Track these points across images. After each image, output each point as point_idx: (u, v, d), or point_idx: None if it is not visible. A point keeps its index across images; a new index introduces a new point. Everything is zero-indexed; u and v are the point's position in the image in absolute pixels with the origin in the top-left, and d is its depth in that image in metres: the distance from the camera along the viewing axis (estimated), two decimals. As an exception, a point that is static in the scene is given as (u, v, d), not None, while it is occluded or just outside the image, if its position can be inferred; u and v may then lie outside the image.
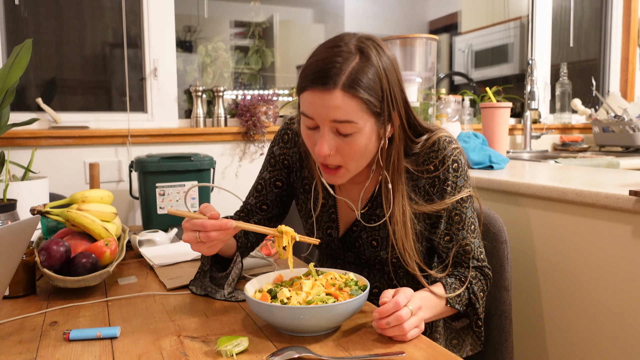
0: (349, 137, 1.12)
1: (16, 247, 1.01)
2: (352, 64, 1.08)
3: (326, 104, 1.08)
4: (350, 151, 1.14)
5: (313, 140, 1.16)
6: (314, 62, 1.11)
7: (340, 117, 1.09)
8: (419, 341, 0.99)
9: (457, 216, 1.26)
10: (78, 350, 0.96)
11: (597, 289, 1.53)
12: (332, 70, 1.07)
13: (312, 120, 1.12)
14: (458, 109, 2.99)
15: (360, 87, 1.08)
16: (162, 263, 1.52)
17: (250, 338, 0.99)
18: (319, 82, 1.08)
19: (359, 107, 1.09)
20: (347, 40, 1.12)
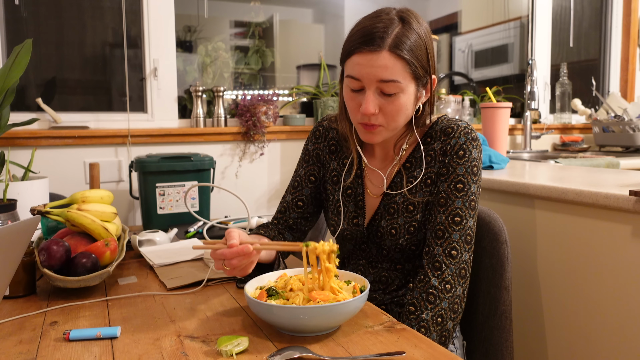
0: (392, 97, 1.20)
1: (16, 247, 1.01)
2: (396, 28, 1.17)
3: (374, 63, 1.16)
4: (392, 110, 1.21)
5: (357, 102, 1.23)
6: (360, 29, 1.19)
7: (386, 77, 1.17)
8: (419, 341, 0.99)
9: (458, 217, 1.27)
10: (78, 350, 0.96)
11: (597, 289, 1.53)
12: (379, 33, 1.16)
13: (358, 82, 1.20)
14: (458, 109, 2.99)
15: (404, 49, 1.17)
16: (162, 263, 1.52)
17: (250, 338, 0.98)
18: (367, 43, 1.16)
19: (403, 68, 1.18)
20: (388, 10, 1.21)
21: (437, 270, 1.25)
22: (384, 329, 1.05)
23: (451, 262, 1.25)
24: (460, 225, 1.26)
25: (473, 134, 1.29)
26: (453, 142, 1.28)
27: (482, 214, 1.53)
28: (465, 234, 1.26)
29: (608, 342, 1.51)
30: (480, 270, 1.52)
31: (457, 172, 1.27)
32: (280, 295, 1.05)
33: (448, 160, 1.29)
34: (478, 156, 1.29)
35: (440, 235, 1.27)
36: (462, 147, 1.28)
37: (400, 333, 1.03)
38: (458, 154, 1.28)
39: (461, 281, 1.26)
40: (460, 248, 1.26)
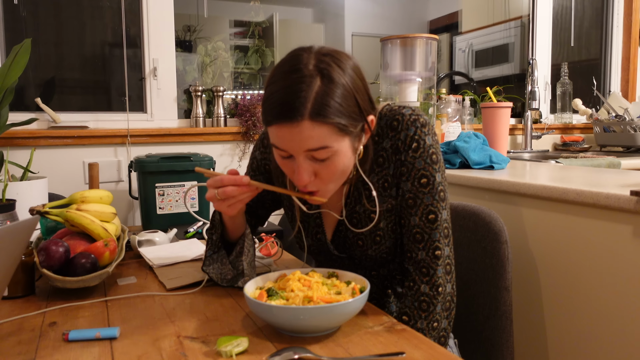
0: (326, 161, 1.09)
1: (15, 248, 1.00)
2: (315, 88, 1.03)
3: (296, 137, 1.04)
4: (329, 174, 1.11)
5: (290, 168, 1.13)
6: (274, 93, 1.05)
7: (313, 146, 1.05)
8: (420, 342, 0.99)
9: (432, 214, 1.21)
10: (77, 351, 0.95)
11: (597, 290, 1.53)
12: (296, 102, 1.02)
13: (285, 152, 1.09)
14: (458, 108, 2.99)
15: (328, 112, 1.03)
16: (162, 263, 1.51)
17: (250, 338, 0.98)
18: (285, 116, 1.03)
19: (330, 131, 1.05)
20: (305, 61, 1.06)
21: (425, 276, 1.21)
22: (384, 329, 1.04)
23: (437, 264, 1.21)
24: (437, 223, 1.21)
25: (421, 119, 1.20)
26: (403, 136, 1.20)
27: (482, 214, 1.53)
28: (442, 229, 1.22)
29: (609, 343, 1.51)
30: (480, 271, 1.51)
31: (416, 167, 1.20)
32: (280, 296, 1.04)
33: (404, 157, 1.20)
34: (433, 141, 1.20)
35: (419, 238, 1.22)
36: (414, 139, 1.19)
37: (400, 334, 1.02)
38: (412, 147, 1.19)
39: (448, 277, 1.22)
40: (442, 246, 1.22)
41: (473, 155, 2.10)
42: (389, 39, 2.57)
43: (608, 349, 1.51)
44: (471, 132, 2.23)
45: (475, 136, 2.21)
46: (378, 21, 3.08)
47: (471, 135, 2.20)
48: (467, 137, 2.20)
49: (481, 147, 2.15)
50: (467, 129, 3.04)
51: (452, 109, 2.93)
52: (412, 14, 3.36)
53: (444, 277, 1.21)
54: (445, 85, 3.45)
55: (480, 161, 2.10)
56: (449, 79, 3.52)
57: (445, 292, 1.22)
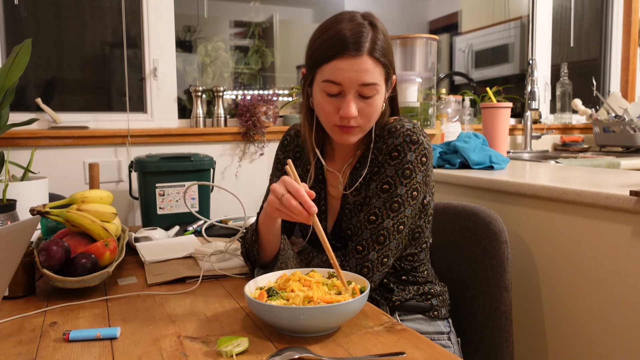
0: (370, 99, 1.23)
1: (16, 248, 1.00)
2: (370, 32, 1.21)
3: (357, 68, 1.19)
4: (370, 111, 1.24)
5: (334, 105, 1.23)
6: (336, 34, 1.20)
7: (368, 80, 1.20)
8: (420, 342, 0.99)
9: (373, 216, 1.26)
10: (78, 351, 0.95)
11: (597, 290, 1.53)
12: (358, 39, 1.18)
13: (338, 87, 1.21)
14: (458, 109, 2.99)
15: (380, 53, 1.21)
16: (153, 259, 1.52)
17: (250, 338, 0.98)
18: (348, 48, 1.18)
19: (380, 70, 1.22)
20: (353, 14, 1.24)
21: (344, 258, 1.26)
22: (384, 329, 1.05)
23: (354, 256, 1.25)
24: (373, 225, 1.25)
25: (414, 137, 1.26)
26: (390, 142, 1.27)
27: (482, 214, 1.53)
28: (377, 234, 1.25)
29: (608, 343, 1.51)
30: (480, 271, 1.52)
31: (386, 173, 1.26)
32: (280, 296, 1.04)
33: (381, 159, 1.28)
34: (415, 160, 1.26)
35: (355, 232, 1.28)
36: (397, 148, 1.26)
37: (401, 334, 1.02)
38: (392, 155, 1.26)
39: (374, 274, 1.26)
40: (367, 246, 1.25)
41: (473, 155, 2.10)
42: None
43: (608, 349, 1.51)
44: (471, 132, 2.23)
45: (475, 136, 2.21)
46: (378, 21, 3.07)
47: (471, 136, 2.20)
48: (467, 137, 2.20)
49: (481, 147, 2.15)
50: (467, 129, 3.04)
51: (452, 109, 2.93)
52: (412, 14, 3.36)
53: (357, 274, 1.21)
54: (445, 86, 3.44)
55: (480, 161, 2.10)
56: (449, 79, 3.52)
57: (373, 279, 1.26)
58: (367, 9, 1.29)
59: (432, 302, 1.38)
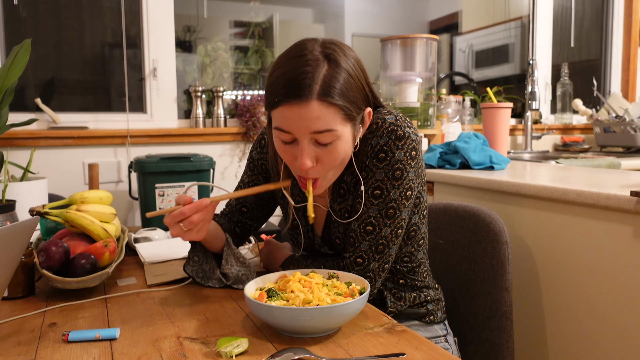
0: (329, 146, 1.11)
1: (15, 248, 1.00)
2: (322, 71, 1.06)
3: (304, 116, 1.06)
4: (330, 159, 1.12)
5: (291, 154, 1.13)
6: (282, 75, 1.08)
7: (320, 127, 1.07)
8: (420, 343, 0.98)
9: (370, 226, 1.22)
10: (77, 352, 0.95)
11: (598, 290, 1.53)
12: (305, 81, 1.05)
13: (289, 135, 1.10)
14: (459, 109, 2.99)
15: (335, 94, 1.06)
16: (153, 260, 1.51)
17: (250, 339, 0.98)
18: (293, 95, 1.05)
19: (335, 114, 1.08)
20: (311, 47, 1.10)
21: (342, 270, 1.23)
22: (384, 330, 1.04)
23: (354, 269, 1.22)
24: (371, 235, 1.21)
25: (399, 131, 1.17)
26: (374, 142, 1.18)
27: (483, 214, 1.53)
28: (376, 244, 1.21)
29: (609, 343, 1.50)
30: (480, 271, 1.51)
31: (375, 177, 1.19)
32: (280, 297, 1.04)
33: (368, 162, 1.20)
34: (405, 157, 1.18)
35: (352, 242, 1.23)
36: (383, 149, 1.17)
37: (401, 335, 1.02)
38: (379, 157, 1.18)
39: (376, 281, 1.24)
40: (367, 257, 1.22)
41: (473, 155, 2.10)
42: (389, 40, 2.57)
43: (608, 350, 1.51)
44: (471, 133, 2.23)
45: (476, 137, 2.20)
46: (378, 21, 3.08)
47: (471, 136, 2.20)
48: (467, 137, 2.20)
49: (481, 148, 2.15)
50: (467, 129, 3.04)
51: (453, 110, 2.93)
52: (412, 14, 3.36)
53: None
54: (446, 86, 3.44)
55: (480, 162, 2.10)
56: (449, 79, 3.52)
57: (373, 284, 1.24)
58: (367, 9, 1.24)
59: (428, 308, 1.35)
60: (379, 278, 1.24)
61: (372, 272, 1.23)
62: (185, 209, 1.09)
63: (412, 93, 2.55)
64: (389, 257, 1.24)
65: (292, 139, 1.11)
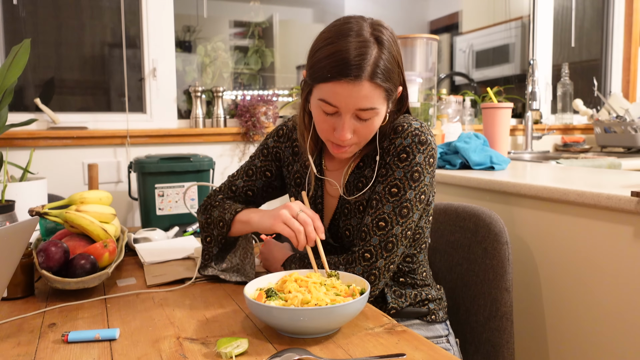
0: (367, 121, 1.18)
1: (14, 249, 1.00)
2: (374, 53, 1.13)
3: (354, 94, 1.13)
4: (366, 132, 1.20)
5: (330, 124, 1.19)
6: (335, 52, 1.12)
7: (366, 105, 1.14)
8: (420, 343, 0.98)
9: (382, 222, 1.23)
10: (77, 352, 0.95)
11: (598, 291, 1.52)
12: (359, 62, 1.11)
13: (334, 108, 1.16)
14: (459, 109, 2.98)
15: (383, 77, 1.14)
16: (153, 260, 1.51)
17: (250, 340, 0.98)
18: (347, 73, 1.11)
19: (381, 95, 1.15)
20: (361, 27, 1.15)
21: (349, 265, 1.24)
22: (384, 331, 1.04)
23: (361, 263, 1.23)
24: (382, 231, 1.22)
25: (423, 137, 1.23)
26: (398, 143, 1.24)
27: (483, 215, 1.53)
28: (386, 241, 1.22)
29: (610, 344, 1.50)
30: (481, 272, 1.51)
31: (394, 176, 1.23)
32: (279, 297, 1.04)
33: (389, 160, 1.24)
34: (424, 161, 1.23)
35: (362, 237, 1.24)
36: (406, 150, 1.23)
37: (401, 335, 1.02)
38: (400, 157, 1.23)
39: (381, 279, 1.25)
40: (376, 253, 1.22)
41: (473, 156, 2.10)
42: (389, 40, 2.56)
43: (609, 351, 1.50)
44: (472, 133, 2.22)
45: (476, 137, 2.20)
46: (378, 21, 3.07)
47: (472, 136, 2.20)
48: (467, 137, 2.19)
49: (482, 148, 2.14)
50: (468, 129, 3.03)
51: (453, 110, 2.93)
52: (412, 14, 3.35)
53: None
54: (446, 86, 3.44)
55: (480, 162, 2.09)
56: (450, 79, 3.51)
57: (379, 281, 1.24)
58: (367, 10, 1.25)
59: (429, 307, 1.36)
60: (382, 278, 1.24)
61: (377, 269, 1.23)
62: (316, 219, 1.18)
63: (413, 93, 2.55)
64: (396, 258, 1.25)
65: (334, 111, 1.17)
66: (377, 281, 1.24)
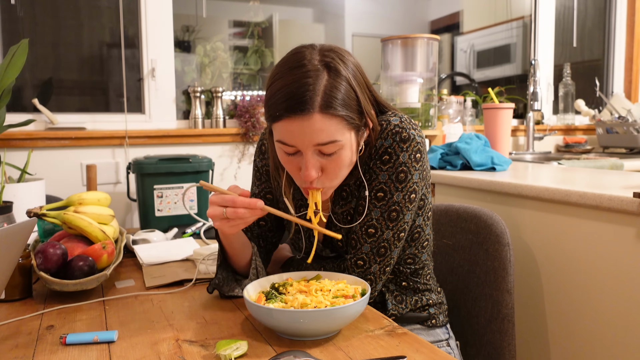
0: (333, 156, 1.10)
1: (12, 250, 1.00)
2: (323, 82, 1.05)
3: (307, 129, 1.05)
4: (335, 169, 1.12)
5: (295, 165, 1.13)
6: (282, 88, 1.06)
7: (323, 140, 1.06)
8: (421, 345, 0.98)
9: (372, 229, 1.20)
10: (75, 355, 0.95)
11: (600, 292, 1.52)
12: (306, 94, 1.03)
13: (293, 147, 1.09)
14: (460, 109, 2.98)
15: (337, 105, 1.05)
16: (151, 262, 1.51)
17: (249, 342, 0.97)
18: (295, 109, 1.03)
19: (339, 124, 1.07)
20: (309, 57, 1.08)
21: (342, 272, 1.21)
22: (384, 333, 1.04)
23: (355, 271, 1.21)
24: (373, 238, 1.20)
25: (404, 133, 1.16)
26: (379, 144, 1.18)
27: (484, 216, 1.52)
28: (378, 247, 1.20)
29: (612, 346, 1.49)
30: (482, 273, 1.50)
31: (379, 180, 1.18)
32: (280, 299, 1.03)
33: (372, 164, 1.19)
34: (409, 159, 1.17)
35: (353, 245, 1.22)
36: (387, 151, 1.17)
37: (402, 337, 1.01)
38: (382, 159, 1.17)
39: (376, 285, 1.23)
40: (368, 259, 1.20)
41: (474, 156, 2.09)
42: (390, 40, 2.56)
43: (611, 352, 1.50)
44: (473, 134, 2.22)
45: (477, 137, 2.20)
46: (378, 21, 3.07)
47: (473, 137, 2.19)
48: (468, 138, 2.19)
49: (483, 149, 2.14)
50: (469, 130, 3.03)
51: (454, 110, 2.92)
52: (413, 14, 3.35)
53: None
54: (447, 86, 3.44)
55: (481, 163, 2.09)
56: (450, 79, 3.51)
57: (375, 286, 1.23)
58: (367, 9, 1.22)
59: (430, 311, 1.34)
60: (379, 281, 1.23)
61: (372, 274, 1.22)
62: (238, 200, 1.05)
63: (413, 93, 2.54)
64: (391, 260, 1.23)
65: (295, 151, 1.10)
66: (374, 285, 1.23)
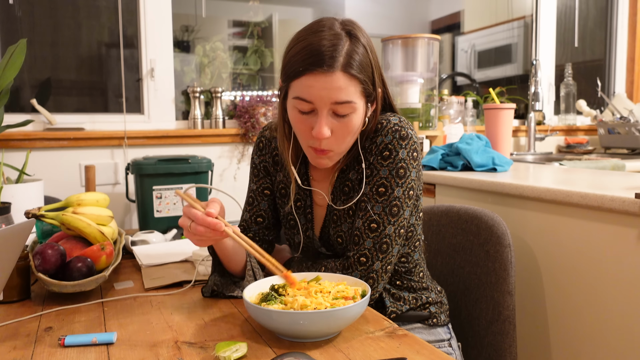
0: (345, 118, 1.15)
1: (10, 251, 1.00)
2: (346, 45, 1.12)
3: (328, 85, 1.10)
4: (345, 132, 1.17)
5: (307, 124, 1.17)
6: (306, 47, 1.12)
7: (341, 98, 1.12)
8: (421, 347, 0.97)
9: (374, 223, 1.21)
10: (73, 357, 0.94)
11: (602, 293, 1.51)
12: (331, 52, 1.10)
13: (309, 104, 1.13)
14: (461, 110, 2.97)
15: (356, 67, 1.12)
16: (151, 263, 1.51)
17: (249, 344, 0.97)
18: (319, 64, 1.09)
19: (356, 87, 1.13)
20: (331, 24, 1.15)
21: (346, 270, 1.22)
22: (385, 334, 1.03)
23: (357, 269, 1.21)
24: (375, 233, 1.21)
25: (403, 131, 1.21)
26: (379, 141, 1.22)
27: (485, 217, 1.52)
28: (380, 242, 1.21)
29: (614, 348, 1.49)
30: (483, 275, 1.50)
31: (380, 175, 1.21)
32: (279, 300, 1.03)
33: (373, 160, 1.23)
34: (408, 156, 1.21)
35: (356, 241, 1.23)
36: (388, 147, 1.21)
37: (402, 339, 1.01)
38: (383, 155, 1.21)
39: (378, 284, 1.23)
40: (371, 256, 1.21)
41: (475, 157, 2.09)
42: (390, 39, 2.56)
43: (612, 354, 1.50)
44: (473, 134, 2.21)
45: (478, 138, 2.19)
46: (379, 21, 3.07)
47: (473, 137, 2.19)
48: (469, 139, 2.18)
49: (484, 149, 2.13)
50: (470, 130, 3.02)
51: (455, 111, 2.92)
52: (413, 14, 3.35)
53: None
54: (447, 86, 3.44)
55: (482, 163, 2.09)
56: (451, 79, 3.51)
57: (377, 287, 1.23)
58: (367, 9, 1.25)
59: (430, 310, 1.35)
60: (381, 280, 1.23)
61: (375, 272, 1.22)
62: (200, 218, 1.06)
63: (414, 94, 2.54)
64: (392, 258, 1.23)
65: (310, 109, 1.15)
66: (376, 284, 1.23)
